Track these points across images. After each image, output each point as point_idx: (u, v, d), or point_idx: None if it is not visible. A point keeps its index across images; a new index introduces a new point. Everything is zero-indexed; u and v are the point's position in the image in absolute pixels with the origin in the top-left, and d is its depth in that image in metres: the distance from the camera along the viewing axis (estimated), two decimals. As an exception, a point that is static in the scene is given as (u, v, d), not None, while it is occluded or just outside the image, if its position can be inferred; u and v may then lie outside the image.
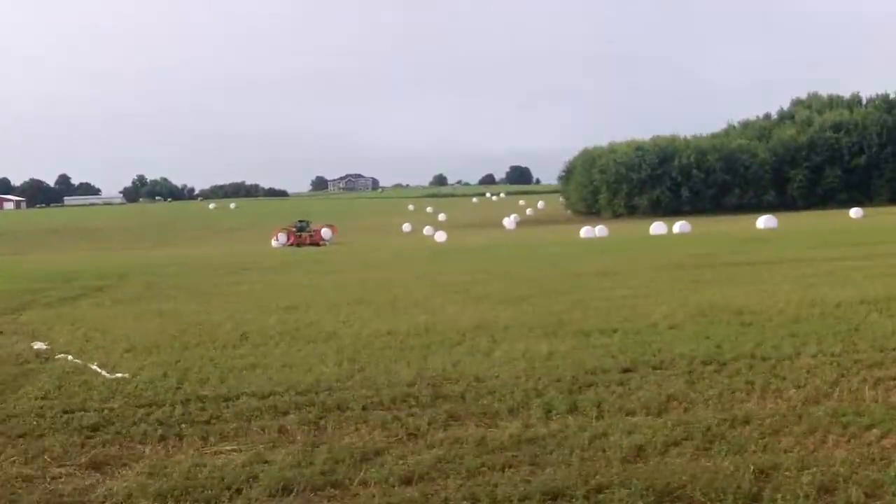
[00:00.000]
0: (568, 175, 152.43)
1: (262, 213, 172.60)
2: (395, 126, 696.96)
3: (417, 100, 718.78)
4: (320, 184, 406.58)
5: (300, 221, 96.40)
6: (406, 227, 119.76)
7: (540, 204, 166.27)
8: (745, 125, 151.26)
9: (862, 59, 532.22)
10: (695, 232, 66.79)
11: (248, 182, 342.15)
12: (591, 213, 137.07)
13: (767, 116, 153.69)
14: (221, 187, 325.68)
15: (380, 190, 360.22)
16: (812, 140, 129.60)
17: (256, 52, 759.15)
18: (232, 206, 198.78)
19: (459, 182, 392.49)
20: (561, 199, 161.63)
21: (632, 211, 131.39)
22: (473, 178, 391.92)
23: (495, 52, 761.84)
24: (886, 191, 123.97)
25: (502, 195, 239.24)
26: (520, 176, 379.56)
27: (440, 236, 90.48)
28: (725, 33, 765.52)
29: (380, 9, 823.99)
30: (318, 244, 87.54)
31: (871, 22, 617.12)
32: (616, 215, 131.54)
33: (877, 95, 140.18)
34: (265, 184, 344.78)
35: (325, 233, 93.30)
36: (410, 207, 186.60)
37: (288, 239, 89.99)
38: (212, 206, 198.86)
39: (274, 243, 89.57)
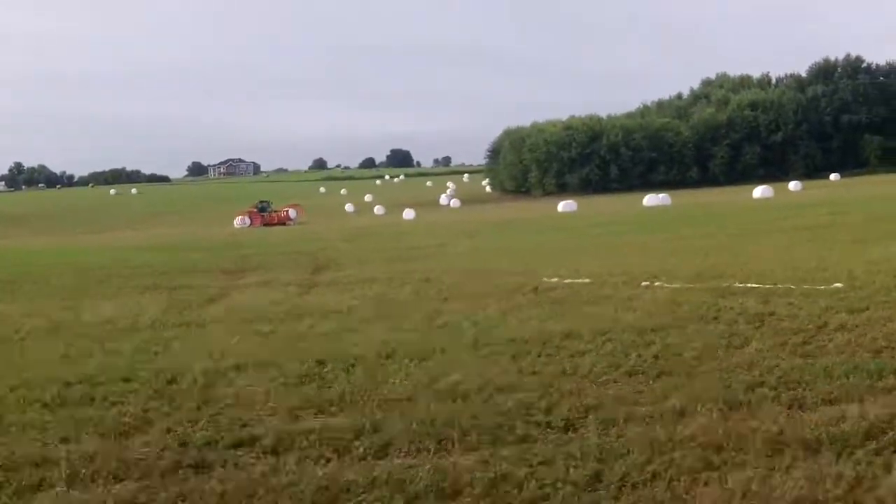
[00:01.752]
0: (494, 155, 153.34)
1: (172, 198, 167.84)
2: (273, 112, 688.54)
3: (295, 87, 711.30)
4: (197, 169, 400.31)
5: (261, 202, 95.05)
6: (349, 207, 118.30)
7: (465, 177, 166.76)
8: (660, 105, 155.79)
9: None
10: (692, 202, 68.48)
11: (129, 168, 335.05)
12: (521, 191, 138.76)
13: (679, 96, 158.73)
14: (101, 173, 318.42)
15: (264, 175, 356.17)
16: (731, 118, 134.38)
17: (135, 42, 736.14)
18: (133, 191, 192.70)
19: (338, 166, 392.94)
20: (486, 179, 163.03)
21: (562, 189, 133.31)
22: (353, 162, 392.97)
23: (375, 41, 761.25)
24: (801, 166, 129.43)
25: (401, 177, 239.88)
26: (401, 159, 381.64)
27: (408, 214, 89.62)
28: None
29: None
30: (284, 224, 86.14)
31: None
32: (546, 193, 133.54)
33: (786, 75, 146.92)
34: (145, 170, 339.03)
35: (292, 213, 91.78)
36: (322, 190, 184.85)
37: (252, 220, 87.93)
38: (112, 191, 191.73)
39: (237, 225, 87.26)
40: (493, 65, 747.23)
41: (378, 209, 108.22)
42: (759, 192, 71.27)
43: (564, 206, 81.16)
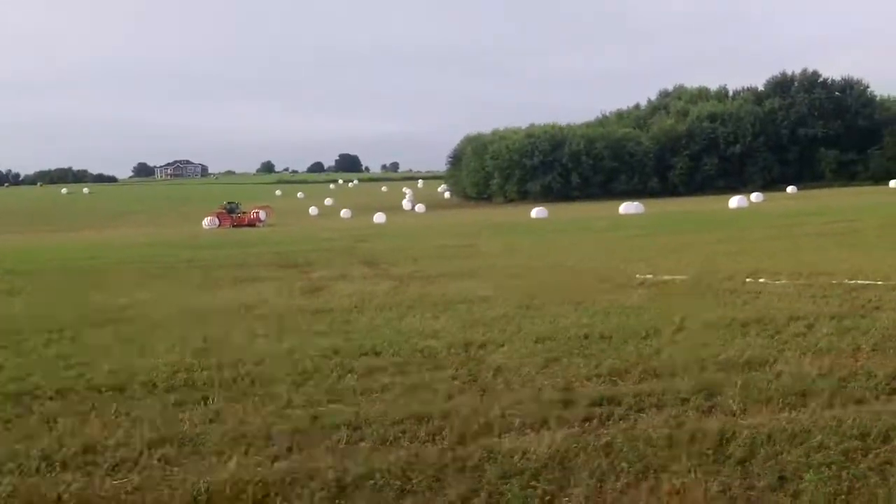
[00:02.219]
0: (456, 161, 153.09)
1: (128, 198, 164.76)
2: (220, 114, 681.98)
3: (240, 88, 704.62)
4: (144, 170, 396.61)
5: (229, 203, 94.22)
6: (313, 210, 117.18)
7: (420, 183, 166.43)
8: (620, 115, 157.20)
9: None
10: (672, 210, 68.86)
11: (76, 168, 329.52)
12: (482, 198, 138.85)
13: (638, 107, 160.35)
14: (48, 173, 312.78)
15: (213, 176, 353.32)
16: (691, 130, 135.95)
17: (78, 41, 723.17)
18: (85, 191, 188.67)
19: (286, 169, 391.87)
20: (443, 185, 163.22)
21: (523, 196, 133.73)
22: (301, 166, 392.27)
23: (322, 44, 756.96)
24: (759, 178, 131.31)
25: (355, 182, 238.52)
26: (350, 164, 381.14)
27: (379, 218, 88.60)
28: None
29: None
30: (254, 225, 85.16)
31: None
32: (508, 200, 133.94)
33: (743, 88, 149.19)
34: (92, 169, 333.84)
35: (262, 214, 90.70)
36: (278, 193, 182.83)
37: (221, 221, 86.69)
38: (64, 191, 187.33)
39: (206, 225, 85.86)
40: (444, 67, 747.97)
41: (344, 212, 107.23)
42: (735, 201, 71.82)
43: (537, 212, 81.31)
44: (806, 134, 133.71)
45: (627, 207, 75.09)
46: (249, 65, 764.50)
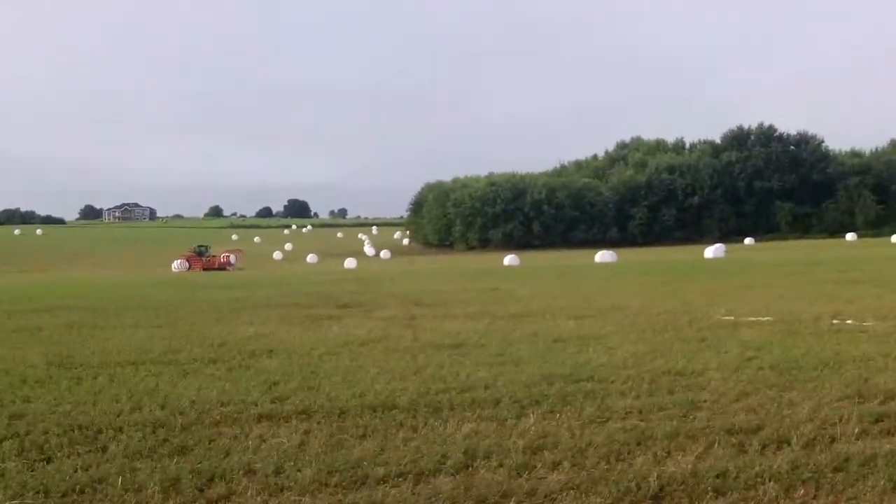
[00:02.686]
0: (416, 208, 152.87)
1: (85, 240, 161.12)
2: (168, 157, 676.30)
3: (190, 133, 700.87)
4: (91, 212, 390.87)
5: (199, 247, 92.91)
6: (277, 254, 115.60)
7: (374, 230, 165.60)
8: (579, 165, 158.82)
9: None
10: (653, 259, 68.76)
11: (24, 209, 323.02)
12: (444, 245, 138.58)
13: (595, 157, 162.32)
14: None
15: (162, 220, 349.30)
16: (650, 180, 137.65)
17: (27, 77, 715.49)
18: (38, 232, 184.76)
19: (235, 214, 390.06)
20: (404, 231, 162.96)
21: (485, 244, 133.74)
22: (249, 211, 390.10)
23: (270, 88, 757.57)
24: (716, 229, 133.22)
25: (308, 227, 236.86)
26: (299, 209, 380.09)
27: (350, 263, 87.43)
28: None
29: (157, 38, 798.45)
30: (224, 269, 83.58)
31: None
32: (469, 248, 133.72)
33: (699, 141, 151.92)
34: (39, 211, 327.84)
35: (232, 258, 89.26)
36: (234, 237, 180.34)
37: (191, 264, 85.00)
38: (17, 231, 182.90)
39: (175, 268, 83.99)
40: (392, 112, 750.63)
41: (311, 257, 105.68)
42: (711, 251, 71.95)
43: (510, 259, 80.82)
44: (762, 186, 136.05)
45: (602, 256, 75.09)
46: (195, 108, 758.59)
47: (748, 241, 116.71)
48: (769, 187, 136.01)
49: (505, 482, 6.30)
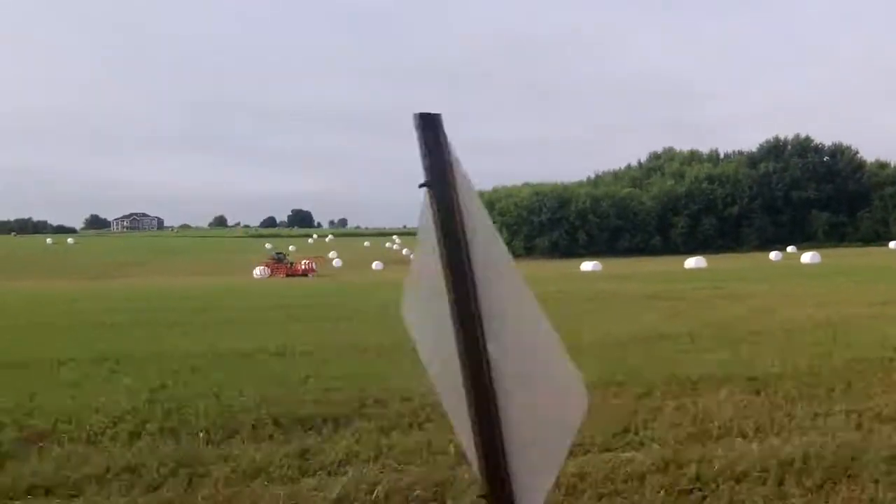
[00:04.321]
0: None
1: (121, 248, 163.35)
2: (174, 168, 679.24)
3: (193, 143, 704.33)
4: (96, 222, 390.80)
5: (278, 254, 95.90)
6: (337, 262, 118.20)
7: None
8: (616, 175, 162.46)
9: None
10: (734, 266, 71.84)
11: (36, 218, 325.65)
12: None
13: (629, 167, 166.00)
14: (6, 223, 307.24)
15: (170, 229, 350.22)
16: (690, 190, 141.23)
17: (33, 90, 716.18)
18: (70, 241, 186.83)
19: (238, 224, 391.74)
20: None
21: (529, 252, 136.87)
22: (253, 221, 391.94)
23: (263, 103, 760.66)
24: (754, 238, 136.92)
25: (330, 237, 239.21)
26: (302, 219, 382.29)
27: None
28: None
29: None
30: (306, 275, 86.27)
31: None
32: (515, 256, 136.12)
33: (733, 152, 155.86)
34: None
35: (314, 265, 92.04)
36: (268, 246, 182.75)
37: (273, 271, 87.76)
38: (49, 241, 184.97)
39: (257, 275, 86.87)
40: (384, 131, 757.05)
41: (377, 265, 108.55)
42: (808, 258, 75.28)
43: (593, 266, 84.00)
44: (799, 196, 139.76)
45: (689, 262, 78.57)
46: (202, 120, 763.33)
47: (790, 249, 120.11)
48: (806, 197, 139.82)
49: None
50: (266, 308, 27.79)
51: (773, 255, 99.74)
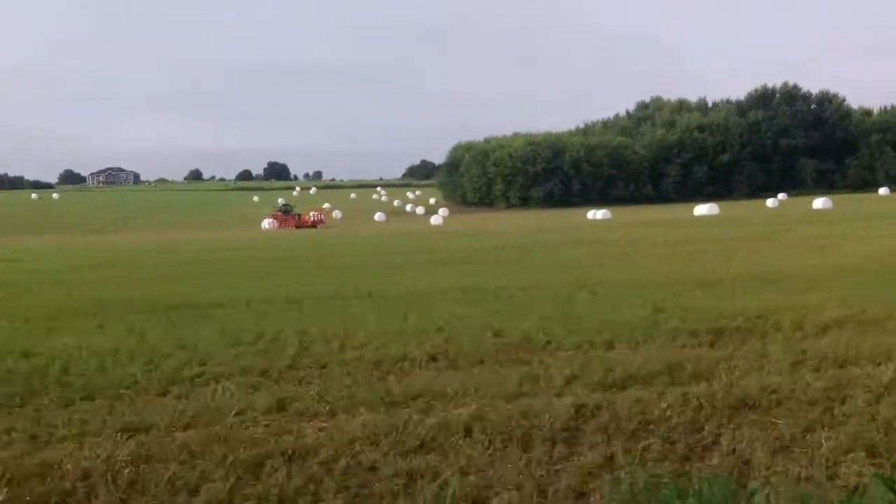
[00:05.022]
0: (451, 168, 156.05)
1: (107, 204, 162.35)
2: (148, 124, 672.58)
3: (167, 100, 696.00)
4: (71, 178, 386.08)
5: (285, 205, 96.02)
6: (336, 213, 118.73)
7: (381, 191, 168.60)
8: (605, 125, 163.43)
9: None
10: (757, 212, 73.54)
11: (11, 174, 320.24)
12: (484, 203, 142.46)
13: (618, 116, 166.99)
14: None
15: (147, 184, 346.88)
16: (682, 139, 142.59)
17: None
18: (55, 196, 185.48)
19: (213, 177, 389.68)
20: (438, 192, 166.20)
21: (524, 202, 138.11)
22: (230, 174, 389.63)
23: (240, 58, 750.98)
24: (745, 186, 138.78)
25: (314, 189, 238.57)
26: (279, 172, 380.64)
27: (436, 220, 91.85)
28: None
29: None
30: (315, 226, 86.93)
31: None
32: (510, 206, 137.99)
33: (722, 100, 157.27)
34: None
35: (322, 216, 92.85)
36: (255, 199, 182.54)
37: (281, 223, 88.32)
38: (34, 196, 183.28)
39: (265, 227, 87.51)
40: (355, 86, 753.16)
41: (379, 216, 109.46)
42: (820, 203, 77.10)
43: (602, 214, 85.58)
44: (788, 144, 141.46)
45: (701, 209, 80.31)
46: (176, 79, 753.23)
47: (781, 196, 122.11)
48: (794, 145, 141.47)
49: None
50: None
51: (770, 202, 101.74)
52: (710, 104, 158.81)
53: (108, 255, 38.17)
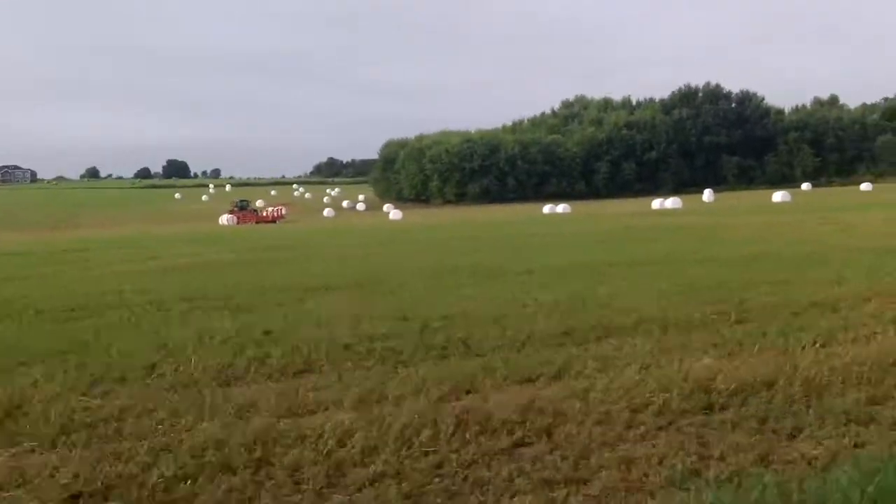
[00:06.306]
0: (385, 165, 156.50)
1: (26, 201, 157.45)
2: (44, 118, 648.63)
3: (62, 92, 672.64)
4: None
5: (241, 201, 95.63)
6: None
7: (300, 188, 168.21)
8: (533, 122, 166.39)
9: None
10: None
11: None
12: (420, 199, 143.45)
13: (544, 115, 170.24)
14: None
15: (45, 182, 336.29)
16: (610, 137, 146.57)
17: None
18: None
19: (110, 175, 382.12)
20: (370, 189, 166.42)
21: (460, 198, 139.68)
22: (127, 172, 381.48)
23: (143, 44, 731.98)
24: (671, 182, 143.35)
25: (228, 187, 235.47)
26: (178, 169, 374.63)
27: (396, 214, 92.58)
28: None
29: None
30: (275, 221, 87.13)
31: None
32: (446, 202, 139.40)
33: (646, 99, 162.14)
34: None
35: (284, 211, 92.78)
36: (178, 196, 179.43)
37: (239, 219, 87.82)
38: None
39: (223, 222, 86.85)
40: (262, 74, 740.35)
41: (328, 212, 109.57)
42: (780, 196, 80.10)
43: (562, 208, 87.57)
44: (711, 141, 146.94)
45: (666, 203, 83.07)
46: (69, 67, 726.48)
47: (707, 192, 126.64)
48: (717, 142, 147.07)
49: None
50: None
51: (706, 195, 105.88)
52: (634, 102, 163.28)
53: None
